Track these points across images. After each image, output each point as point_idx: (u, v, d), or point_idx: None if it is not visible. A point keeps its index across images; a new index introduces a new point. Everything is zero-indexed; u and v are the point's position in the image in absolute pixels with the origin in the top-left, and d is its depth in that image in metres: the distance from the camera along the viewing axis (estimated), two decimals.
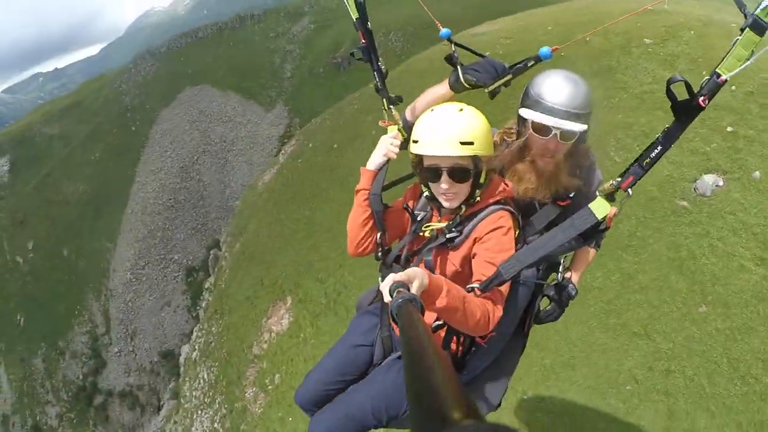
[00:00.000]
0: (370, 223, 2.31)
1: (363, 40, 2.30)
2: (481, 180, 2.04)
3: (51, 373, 48.11)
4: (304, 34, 67.52)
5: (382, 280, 2.16)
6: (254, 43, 68.12)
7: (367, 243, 2.33)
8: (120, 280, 50.63)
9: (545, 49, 2.06)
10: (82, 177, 59.29)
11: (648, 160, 1.84)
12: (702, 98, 1.67)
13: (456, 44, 2.28)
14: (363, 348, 2.51)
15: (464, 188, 2.03)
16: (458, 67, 2.23)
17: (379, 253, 2.35)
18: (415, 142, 2.00)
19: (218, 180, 58.56)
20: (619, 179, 1.91)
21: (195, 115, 61.28)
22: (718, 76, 1.65)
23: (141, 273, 51.30)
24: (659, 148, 1.81)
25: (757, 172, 7.08)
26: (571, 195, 2.28)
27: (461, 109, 1.98)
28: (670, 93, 1.70)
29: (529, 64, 2.12)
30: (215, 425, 12.69)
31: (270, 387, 11.07)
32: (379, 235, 2.32)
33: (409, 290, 1.43)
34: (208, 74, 64.46)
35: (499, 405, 2.44)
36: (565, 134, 2.07)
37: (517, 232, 2.15)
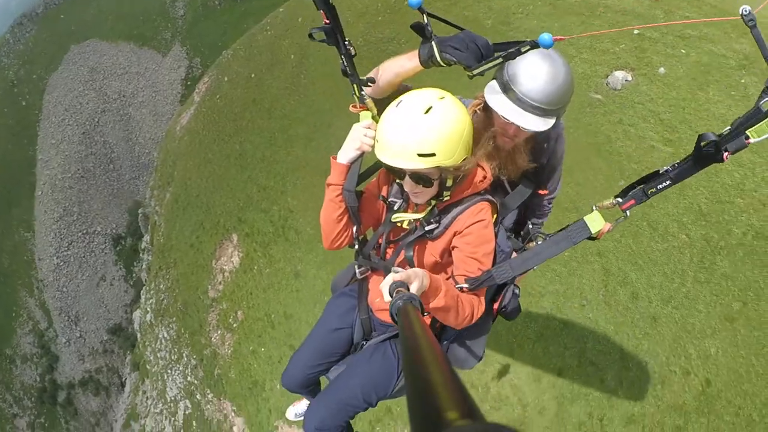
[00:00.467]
0: (345, 219, 2.21)
1: (326, 20, 1.95)
2: (448, 183, 1.94)
3: (8, 384, 45.91)
4: None
5: (359, 268, 2.37)
6: None
7: (342, 238, 2.25)
8: (48, 268, 47.63)
9: (546, 36, 1.67)
10: None
11: (653, 190, 1.88)
12: (726, 153, 1.69)
13: (429, 15, 1.84)
14: (342, 330, 2.55)
15: (430, 189, 1.93)
16: (433, 42, 1.84)
17: (356, 246, 2.30)
18: (377, 141, 1.86)
19: (124, 138, 54.43)
20: (620, 200, 1.95)
21: (86, 74, 55.44)
22: (747, 137, 1.64)
23: (67, 254, 48.37)
24: (668, 182, 1.85)
25: (662, 68, 7.96)
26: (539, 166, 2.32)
27: (428, 109, 1.74)
28: (698, 144, 1.73)
29: (523, 50, 1.78)
30: (189, 379, 12.46)
31: (235, 325, 10.85)
32: (355, 228, 2.25)
33: (408, 290, 1.41)
34: (93, 28, 57.98)
35: (482, 357, 2.54)
36: (526, 127, 1.98)
37: (494, 218, 2.14)
